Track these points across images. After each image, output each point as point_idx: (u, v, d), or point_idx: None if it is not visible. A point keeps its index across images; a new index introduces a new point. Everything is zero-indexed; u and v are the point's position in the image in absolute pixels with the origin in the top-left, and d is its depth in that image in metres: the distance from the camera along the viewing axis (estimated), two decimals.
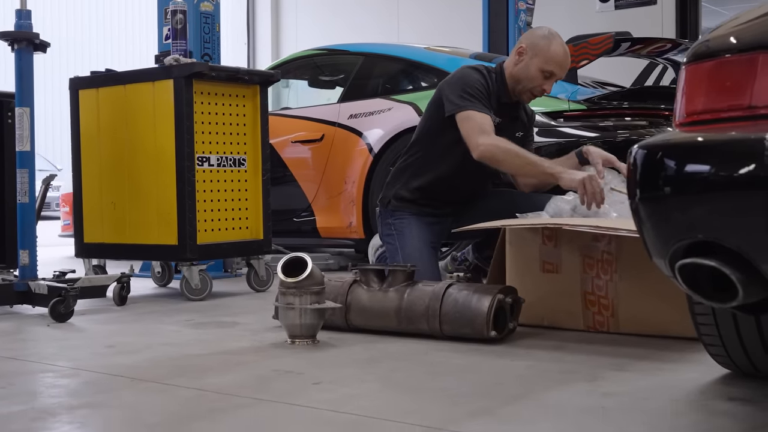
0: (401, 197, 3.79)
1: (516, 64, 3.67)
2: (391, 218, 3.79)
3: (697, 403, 2.12)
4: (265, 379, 2.40)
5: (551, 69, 3.62)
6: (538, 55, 3.62)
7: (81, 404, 2.14)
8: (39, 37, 3.73)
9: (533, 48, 3.63)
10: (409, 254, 3.64)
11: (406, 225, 3.73)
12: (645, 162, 1.56)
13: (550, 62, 3.61)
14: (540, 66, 3.62)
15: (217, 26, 5.19)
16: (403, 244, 3.69)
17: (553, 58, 3.61)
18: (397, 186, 3.83)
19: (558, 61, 3.63)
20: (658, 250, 1.56)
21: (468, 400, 2.15)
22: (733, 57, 1.51)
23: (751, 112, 1.46)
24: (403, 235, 3.72)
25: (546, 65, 3.61)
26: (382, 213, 3.87)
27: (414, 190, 3.76)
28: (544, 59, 3.61)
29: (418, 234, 3.71)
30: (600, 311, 3.03)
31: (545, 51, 3.61)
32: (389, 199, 3.83)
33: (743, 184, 1.39)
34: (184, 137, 4.02)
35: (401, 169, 3.86)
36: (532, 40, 3.66)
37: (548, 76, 3.64)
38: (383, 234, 3.86)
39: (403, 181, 3.81)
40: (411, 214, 3.76)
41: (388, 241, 3.79)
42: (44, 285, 3.60)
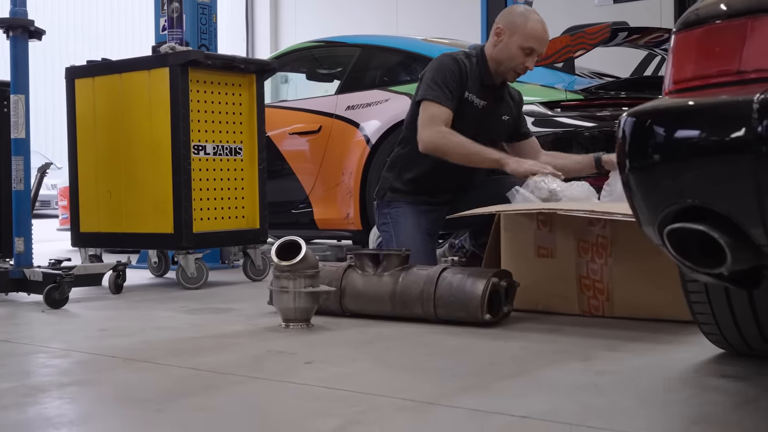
0: (396, 189, 3.79)
1: (495, 45, 3.65)
2: (387, 208, 3.79)
3: (689, 380, 2.11)
4: (259, 358, 2.40)
5: (531, 45, 3.59)
6: (516, 33, 3.59)
7: (72, 382, 2.14)
8: (34, 24, 3.72)
9: (511, 27, 3.61)
10: (403, 241, 3.64)
11: (401, 213, 3.73)
12: (634, 130, 1.56)
13: (529, 38, 3.59)
14: (519, 44, 3.59)
15: (214, 17, 5.18)
16: (398, 232, 3.69)
17: (532, 34, 3.59)
18: (391, 178, 3.83)
19: (537, 36, 3.60)
20: (648, 217, 1.55)
21: (461, 378, 2.14)
22: (723, 23, 1.50)
23: (740, 77, 1.45)
24: (397, 223, 3.71)
25: (525, 42, 3.59)
26: (379, 205, 3.87)
27: (408, 182, 3.76)
28: (522, 36, 3.59)
29: (413, 221, 3.70)
30: (595, 295, 3.03)
31: (522, 28, 3.59)
32: (385, 191, 3.84)
33: (732, 147, 1.38)
34: (179, 126, 4.02)
35: (394, 161, 3.86)
36: (509, 19, 3.64)
37: (529, 52, 3.61)
38: (380, 224, 3.87)
39: (396, 172, 3.81)
40: (407, 203, 3.76)
41: (383, 230, 3.80)
42: (39, 272, 3.60)
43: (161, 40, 4.84)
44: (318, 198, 5.46)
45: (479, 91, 3.66)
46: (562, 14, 8.94)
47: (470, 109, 3.66)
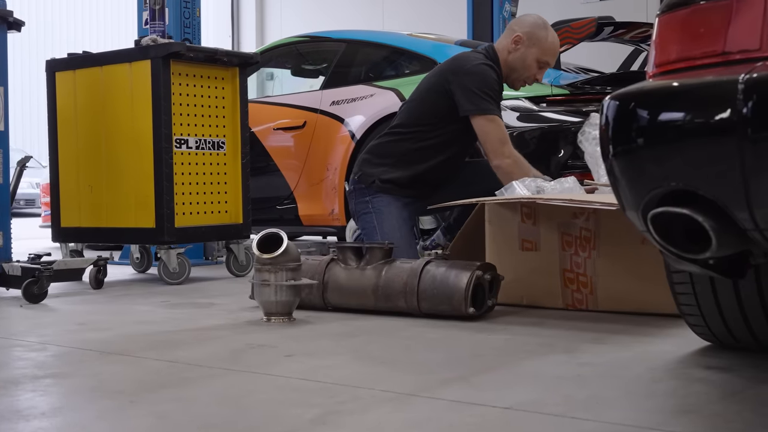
0: (391, 181, 3.70)
1: (510, 52, 3.66)
2: (369, 196, 3.72)
3: (674, 372, 2.08)
4: (238, 351, 2.36)
5: (547, 59, 3.68)
6: (536, 45, 3.64)
7: (46, 375, 2.09)
8: (13, 15, 3.67)
9: (531, 38, 3.64)
10: (388, 232, 3.59)
11: (385, 204, 3.67)
12: (617, 114, 1.52)
13: (547, 53, 3.66)
14: (537, 56, 3.65)
15: (198, 11, 5.13)
16: (382, 222, 3.64)
17: (551, 49, 3.67)
18: (384, 168, 3.72)
19: (554, 51, 3.70)
20: (631, 202, 1.52)
21: (442, 370, 2.11)
22: (708, 3, 1.47)
23: (725, 58, 1.42)
24: (381, 213, 3.65)
25: (543, 56, 3.66)
26: (360, 189, 3.76)
27: (409, 178, 3.69)
28: (541, 50, 3.64)
29: (397, 213, 3.66)
30: (579, 289, 3.00)
31: (543, 41, 3.64)
32: (374, 180, 3.73)
33: (717, 129, 1.35)
34: (161, 119, 3.97)
35: (387, 152, 3.76)
36: (530, 30, 3.65)
37: (542, 66, 3.69)
38: (358, 211, 3.77)
39: (390, 165, 3.72)
40: (392, 195, 3.71)
41: (365, 219, 3.71)
42: (18, 266, 3.54)
43: (144, 34, 4.79)
44: (303, 194, 5.42)
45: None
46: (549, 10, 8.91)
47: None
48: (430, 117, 3.68)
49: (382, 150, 3.79)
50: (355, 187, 3.81)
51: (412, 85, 5.02)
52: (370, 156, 3.82)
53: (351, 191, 3.85)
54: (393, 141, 3.77)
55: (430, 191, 3.74)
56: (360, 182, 3.78)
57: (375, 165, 3.77)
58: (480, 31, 7.06)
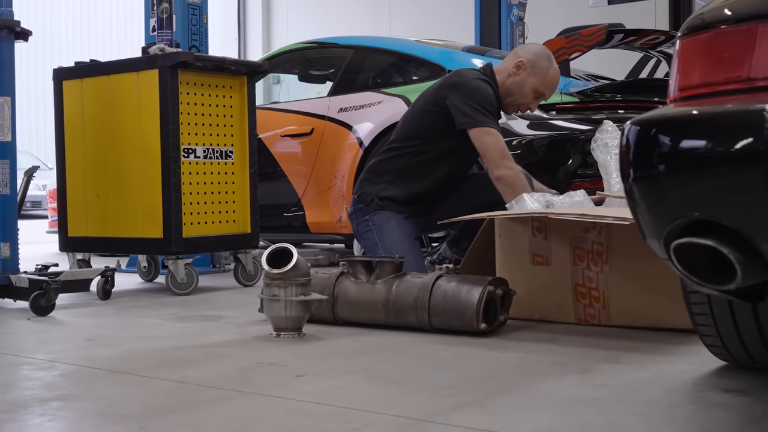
0: (389, 198, 3.67)
1: (510, 76, 3.64)
2: (369, 214, 3.70)
3: (692, 395, 2.05)
4: (248, 371, 2.33)
5: (544, 91, 3.67)
6: (537, 74, 3.63)
7: (54, 397, 2.06)
8: (20, 24, 3.65)
9: (533, 66, 3.63)
10: (390, 247, 3.56)
11: (384, 220, 3.64)
12: (639, 139, 1.49)
13: (546, 85, 3.65)
14: (535, 86, 3.64)
15: (205, 18, 5.11)
16: (383, 238, 3.60)
17: (550, 82, 3.66)
18: (382, 185, 3.71)
19: (553, 85, 3.69)
20: (653, 231, 1.49)
21: (456, 392, 2.08)
22: (731, 27, 1.44)
23: (750, 84, 1.39)
24: (381, 229, 3.62)
25: (541, 86, 3.65)
26: (360, 209, 3.74)
27: (408, 194, 3.66)
28: (541, 80, 3.63)
29: (398, 226, 3.63)
30: (591, 303, 2.97)
31: (544, 72, 3.63)
32: (372, 198, 3.71)
33: (742, 158, 1.32)
34: (169, 128, 3.94)
35: (385, 169, 3.73)
36: (534, 59, 3.64)
37: (538, 96, 3.68)
38: (360, 231, 3.75)
39: (388, 182, 3.69)
40: (391, 211, 3.67)
41: (366, 237, 3.70)
42: (25, 278, 3.52)
43: (152, 41, 4.77)
44: (310, 201, 5.39)
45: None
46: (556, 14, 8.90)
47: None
48: (426, 133, 3.65)
49: (380, 168, 3.77)
50: (354, 208, 3.79)
51: (419, 92, 5.01)
52: (369, 175, 3.80)
53: (351, 213, 3.83)
54: (390, 158, 3.75)
55: (430, 206, 3.71)
56: (360, 201, 3.76)
57: (373, 183, 3.75)
58: (487, 35, 7.03)
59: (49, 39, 15.79)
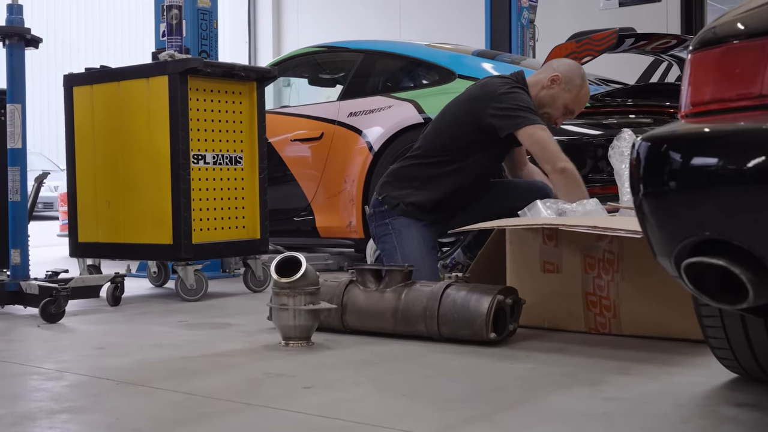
0: (414, 204, 3.63)
1: (544, 89, 3.62)
2: (390, 218, 3.66)
3: (703, 409, 2.03)
4: (256, 382, 2.32)
5: (574, 108, 3.67)
6: (571, 91, 3.62)
7: (63, 409, 2.06)
8: (30, 32, 3.65)
9: (568, 83, 3.62)
10: (409, 254, 3.53)
11: (405, 225, 3.61)
12: (649, 155, 1.48)
13: (577, 102, 3.66)
14: (567, 102, 3.63)
15: (215, 23, 5.11)
16: (402, 244, 3.58)
17: (582, 101, 3.68)
18: (408, 191, 3.65)
19: (583, 103, 3.72)
20: (663, 249, 1.47)
21: (465, 405, 2.06)
22: (743, 43, 1.42)
23: (763, 101, 1.37)
24: (401, 234, 3.60)
25: (572, 104, 3.65)
26: (381, 213, 3.71)
27: (434, 201, 3.63)
28: (574, 97, 3.64)
29: (418, 233, 3.60)
30: (601, 312, 2.95)
31: (577, 90, 3.64)
32: (398, 203, 3.66)
33: (754, 177, 1.31)
34: (179, 135, 3.94)
35: (414, 175, 3.68)
36: (569, 75, 3.63)
37: (567, 113, 3.68)
38: (379, 234, 3.71)
39: (416, 187, 3.64)
40: (412, 218, 3.65)
41: (384, 240, 3.66)
42: (35, 285, 3.53)
43: (162, 47, 4.77)
44: (320, 205, 5.39)
45: None
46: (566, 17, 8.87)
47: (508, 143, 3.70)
48: (458, 145, 3.61)
49: (406, 173, 3.72)
50: (375, 210, 3.75)
51: (430, 96, 5.00)
52: (392, 179, 3.75)
53: (371, 215, 3.79)
54: (417, 165, 3.69)
55: (449, 214, 3.69)
56: (383, 204, 3.71)
57: (397, 188, 3.69)
58: (498, 39, 7.01)
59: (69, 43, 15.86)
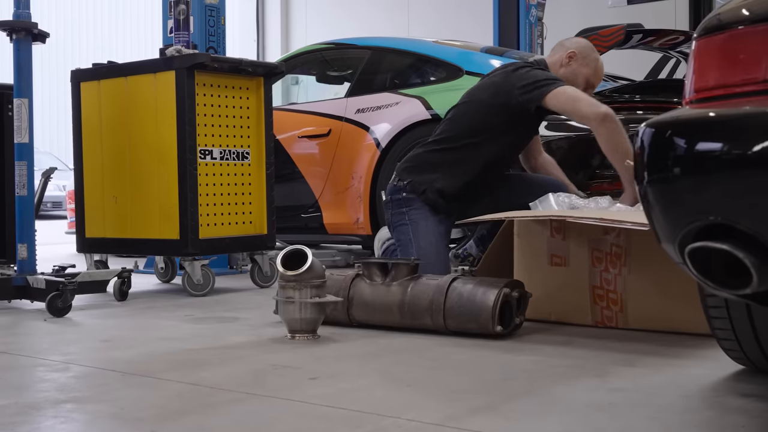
0: (441, 191, 3.58)
1: (563, 66, 3.63)
2: (406, 207, 3.59)
3: (709, 400, 2.03)
4: (261, 373, 2.32)
5: (594, 82, 3.67)
6: (588, 65, 3.63)
7: (68, 399, 2.06)
8: (38, 26, 3.66)
9: (585, 57, 3.63)
10: (424, 248, 3.48)
11: (422, 217, 3.56)
12: (653, 141, 1.47)
13: (596, 75, 3.66)
14: (587, 76, 3.63)
15: (222, 19, 5.12)
16: (418, 236, 3.53)
17: (600, 73, 3.67)
18: (436, 175, 3.58)
19: (601, 76, 3.70)
20: (668, 235, 1.47)
21: (470, 396, 2.06)
22: (748, 28, 1.41)
23: (766, 86, 1.36)
24: (417, 225, 3.54)
25: (593, 77, 3.65)
26: (399, 200, 3.61)
27: (459, 188, 3.60)
28: (593, 71, 3.64)
29: (434, 227, 3.54)
30: (608, 306, 2.94)
31: (594, 63, 3.64)
32: (425, 188, 3.57)
33: (758, 161, 1.30)
34: (186, 130, 3.95)
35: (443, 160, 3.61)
36: (583, 50, 3.64)
37: (589, 87, 3.64)
38: (394, 222, 3.64)
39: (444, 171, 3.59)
40: (431, 208, 3.59)
41: (400, 230, 3.59)
42: (42, 279, 3.53)
43: (169, 42, 4.78)
44: (327, 202, 5.39)
45: None
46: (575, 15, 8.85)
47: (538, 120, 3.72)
48: (486, 128, 3.58)
49: (431, 158, 3.63)
50: (392, 198, 3.66)
51: (437, 93, 4.99)
52: (414, 164, 3.66)
53: (387, 201, 3.71)
54: (442, 150, 3.63)
55: (465, 206, 3.64)
56: (402, 190, 3.62)
57: (424, 172, 3.61)
58: (506, 36, 7.00)
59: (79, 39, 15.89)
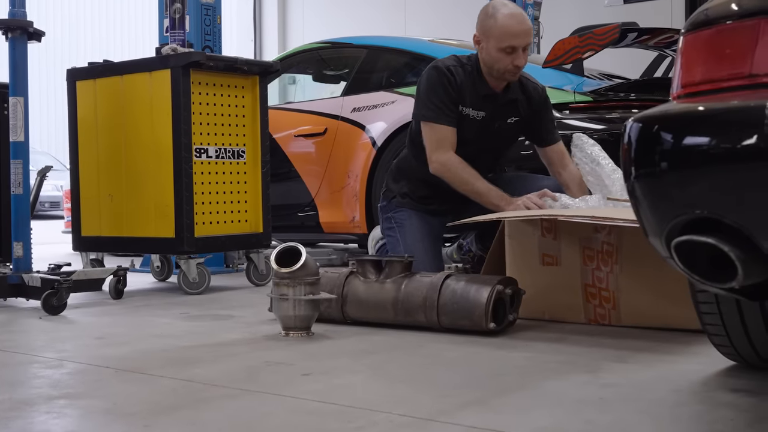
0: (405, 194, 3.69)
1: (480, 53, 3.53)
2: (391, 212, 3.71)
3: (699, 394, 2.04)
4: (255, 370, 2.33)
5: (507, 44, 3.40)
6: (490, 37, 3.43)
7: (61, 395, 2.07)
8: (33, 25, 3.67)
9: (484, 32, 3.47)
10: (411, 245, 3.55)
11: (406, 218, 3.64)
12: (640, 136, 1.48)
13: (503, 39, 3.39)
14: (497, 46, 3.41)
15: (219, 18, 5.11)
16: (404, 236, 3.60)
17: (505, 34, 3.40)
18: (402, 182, 3.72)
19: (512, 33, 3.40)
20: (654, 228, 1.48)
21: (461, 391, 2.07)
22: (734, 23, 1.42)
23: (752, 81, 1.37)
24: (403, 227, 3.63)
25: (501, 43, 3.40)
26: (383, 207, 3.78)
27: (419, 195, 3.66)
28: (496, 39, 3.41)
29: (419, 225, 3.62)
30: (601, 304, 2.95)
31: (494, 30, 3.42)
32: (394, 195, 3.72)
33: (743, 155, 1.31)
34: (181, 128, 3.96)
35: (403, 169, 3.75)
36: (481, 23, 3.50)
37: (510, 51, 3.41)
38: (384, 228, 3.78)
39: (406, 181, 3.70)
40: (412, 209, 3.67)
41: (389, 234, 3.71)
42: (37, 277, 3.54)
43: (165, 41, 4.78)
44: (323, 201, 5.39)
45: (475, 102, 3.53)
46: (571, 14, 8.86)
47: (466, 122, 3.53)
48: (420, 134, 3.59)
49: (400, 165, 3.79)
50: (379, 206, 3.83)
51: None
52: (391, 172, 3.83)
53: (379, 209, 3.87)
54: (405, 156, 3.75)
55: (454, 204, 3.67)
56: (384, 198, 3.79)
57: (396, 180, 3.77)
58: None
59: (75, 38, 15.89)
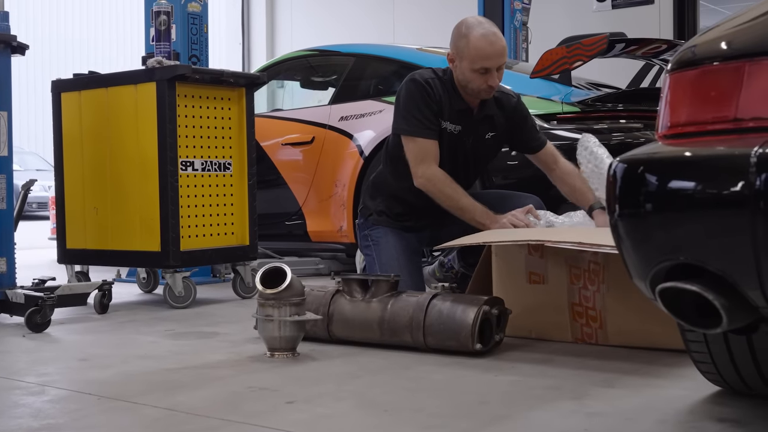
0: (384, 213, 3.65)
1: (454, 72, 3.47)
2: (368, 229, 3.67)
3: (685, 425, 2.02)
4: (238, 396, 2.31)
5: (480, 65, 3.35)
6: (463, 58, 3.38)
7: (41, 426, 2.05)
8: (17, 39, 3.63)
9: (458, 53, 3.41)
10: (386, 263, 3.52)
11: (382, 235, 3.60)
12: (625, 176, 1.47)
13: (476, 60, 3.34)
14: (469, 68, 3.36)
15: (205, 27, 5.09)
16: (380, 254, 3.57)
17: (478, 55, 3.34)
18: (378, 200, 3.68)
19: (484, 55, 3.34)
20: (639, 272, 1.47)
21: (447, 421, 2.05)
22: (719, 65, 1.41)
23: (737, 125, 1.36)
24: (378, 245, 3.59)
25: (474, 65, 3.35)
26: (361, 224, 3.73)
27: (395, 212, 3.63)
28: (469, 60, 3.35)
29: (395, 243, 3.57)
30: (588, 323, 2.94)
31: (467, 51, 3.36)
32: (371, 212, 3.68)
33: (727, 202, 1.30)
34: (166, 141, 3.93)
35: (380, 185, 3.71)
36: (454, 44, 3.43)
37: (483, 71, 3.36)
38: (362, 246, 3.74)
39: (383, 197, 3.67)
40: (388, 226, 3.63)
41: (366, 252, 3.68)
42: (21, 294, 3.51)
43: (152, 51, 4.75)
44: (311, 210, 5.38)
45: (452, 116, 3.49)
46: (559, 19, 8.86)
47: (444, 136, 3.49)
48: (399, 147, 3.54)
49: (377, 180, 3.75)
50: (357, 223, 3.79)
51: None
52: (368, 188, 3.79)
53: (356, 227, 3.83)
54: (382, 171, 3.72)
55: (427, 222, 3.65)
56: (361, 215, 3.75)
57: (372, 197, 3.73)
58: None
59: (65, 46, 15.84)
